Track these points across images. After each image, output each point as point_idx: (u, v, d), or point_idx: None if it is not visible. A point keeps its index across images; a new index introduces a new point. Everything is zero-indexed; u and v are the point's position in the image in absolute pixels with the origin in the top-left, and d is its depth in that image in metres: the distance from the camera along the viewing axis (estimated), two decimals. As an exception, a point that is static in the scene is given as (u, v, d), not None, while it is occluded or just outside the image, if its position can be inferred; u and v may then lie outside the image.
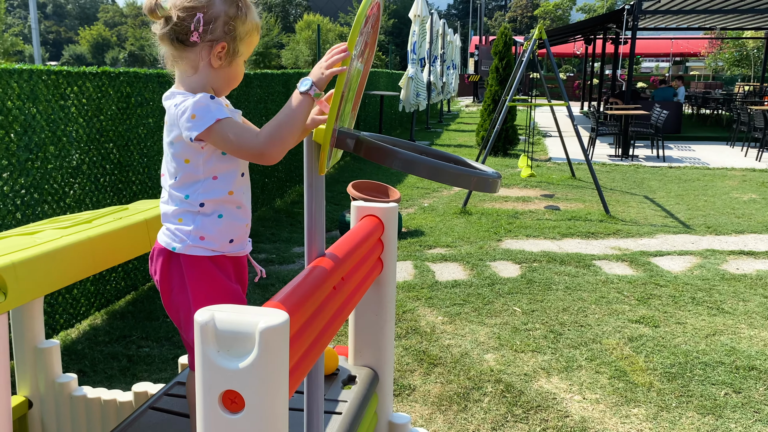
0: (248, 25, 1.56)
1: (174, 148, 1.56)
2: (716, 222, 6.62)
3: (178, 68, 1.58)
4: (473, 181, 1.35)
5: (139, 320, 3.99)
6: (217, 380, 0.99)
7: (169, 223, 1.61)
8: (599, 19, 16.59)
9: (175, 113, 1.51)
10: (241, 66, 1.62)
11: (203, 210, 1.57)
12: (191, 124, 1.47)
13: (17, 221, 3.39)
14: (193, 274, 1.57)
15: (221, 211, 1.59)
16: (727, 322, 4.01)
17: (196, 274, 1.57)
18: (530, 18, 74.10)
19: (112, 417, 2.22)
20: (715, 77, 32.21)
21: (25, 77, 3.39)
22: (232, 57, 1.56)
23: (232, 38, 1.54)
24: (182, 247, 1.57)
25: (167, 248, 1.59)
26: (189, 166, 1.55)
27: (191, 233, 1.57)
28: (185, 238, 1.57)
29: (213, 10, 1.51)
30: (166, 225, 1.61)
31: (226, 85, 1.61)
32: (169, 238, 1.59)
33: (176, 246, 1.58)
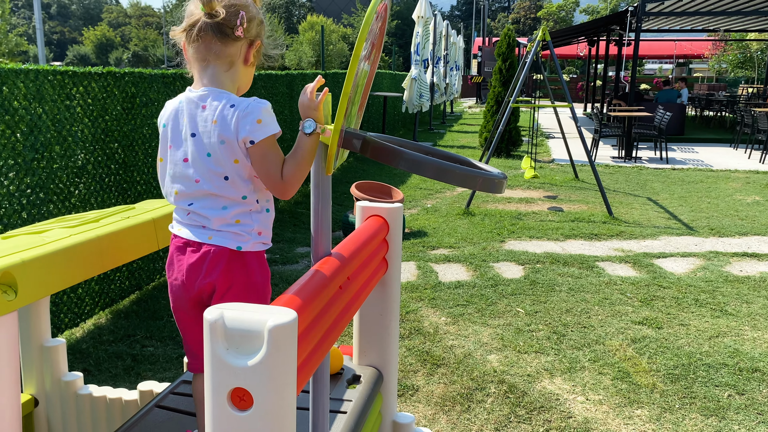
0: (266, 26, 1.70)
1: (223, 149, 1.57)
2: (719, 224, 6.62)
3: (215, 64, 1.62)
4: (479, 181, 1.36)
5: (143, 320, 4.00)
6: (226, 378, 1.00)
7: (225, 225, 1.61)
8: (603, 20, 16.58)
9: (232, 113, 1.55)
10: (253, 66, 1.73)
11: (258, 207, 1.65)
12: (256, 128, 1.53)
13: (23, 220, 3.41)
14: (260, 269, 1.65)
15: (268, 206, 1.68)
16: (731, 324, 4.01)
17: (263, 269, 1.66)
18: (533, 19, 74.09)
19: (117, 415, 2.23)
20: (719, 79, 32.15)
21: (31, 77, 3.41)
22: (259, 56, 1.71)
23: (262, 39, 1.69)
24: (248, 245, 1.62)
25: (230, 248, 1.61)
26: (238, 166, 1.58)
27: (253, 231, 1.63)
28: (249, 236, 1.62)
29: (251, 11, 1.64)
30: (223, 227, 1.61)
31: (246, 85, 1.72)
32: (231, 238, 1.61)
33: (241, 245, 1.61)
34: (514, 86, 8.68)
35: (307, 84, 1.50)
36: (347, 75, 1.32)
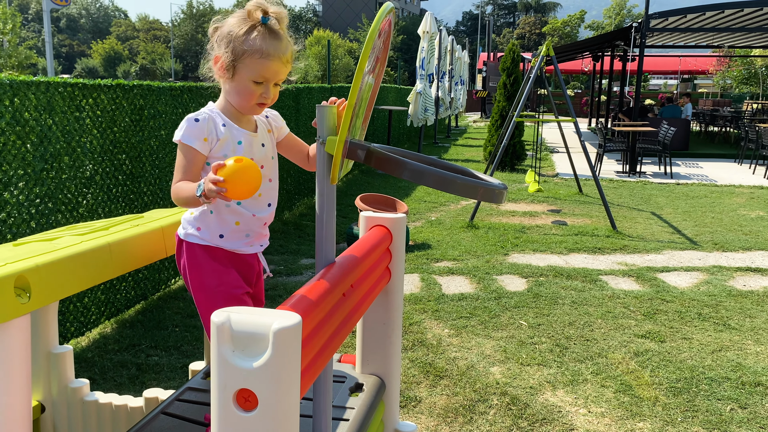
0: (245, 46, 1.70)
1: None
2: (723, 239, 6.62)
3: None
4: (480, 191, 1.39)
5: (148, 329, 4.03)
6: (232, 379, 1.02)
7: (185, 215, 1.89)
8: (607, 36, 16.68)
9: None
10: (247, 84, 1.75)
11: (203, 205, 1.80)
12: (178, 128, 1.77)
13: (31, 230, 3.45)
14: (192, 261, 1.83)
15: (212, 208, 1.81)
16: (734, 338, 4.01)
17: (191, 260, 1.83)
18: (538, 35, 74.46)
19: (123, 422, 2.25)
20: (724, 95, 32.20)
21: (42, 89, 3.47)
22: (231, 72, 1.74)
23: (230, 54, 1.71)
24: (184, 233, 1.85)
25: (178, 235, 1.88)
26: None
27: (192, 222, 1.84)
28: (187, 225, 1.85)
29: (223, 29, 1.74)
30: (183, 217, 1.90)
31: (235, 99, 1.79)
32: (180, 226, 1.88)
33: (181, 232, 1.86)
34: (518, 101, 8.74)
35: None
36: (352, 88, 1.36)
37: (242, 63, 1.72)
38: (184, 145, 1.73)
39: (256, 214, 1.85)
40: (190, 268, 1.83)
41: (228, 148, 1.77)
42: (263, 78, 1.74)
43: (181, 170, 1.73)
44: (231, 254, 1.85)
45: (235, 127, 1.80)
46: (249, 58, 1.71)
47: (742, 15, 12.35)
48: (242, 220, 1.83)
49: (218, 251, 1.83)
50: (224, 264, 1.83)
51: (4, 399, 1.29)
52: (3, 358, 1.26)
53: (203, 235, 1.82)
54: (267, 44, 1.71)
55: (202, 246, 1.82)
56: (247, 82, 1.74)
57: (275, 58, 1.72)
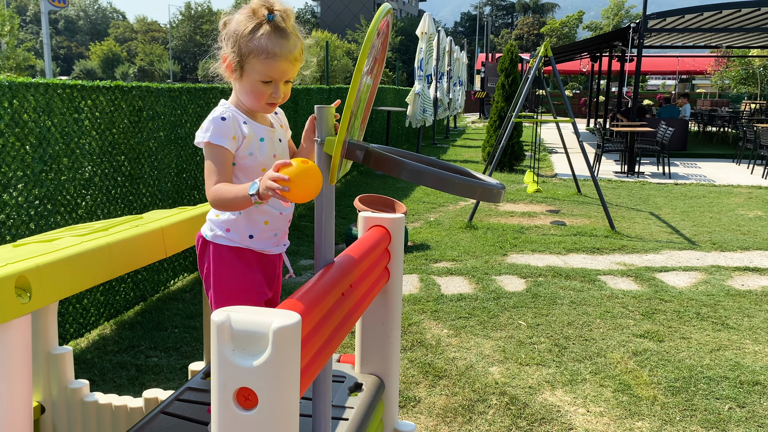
0: (251, 45, 1.66)
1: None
2: (722, 238, 6.63)
3: None
4: (478, 191, 1.40)
5: (147, 330, 4.04)
6: (232, 378, 1.03)
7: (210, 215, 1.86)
8: (605, 36, 16.71)
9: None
10: (255, 84, 1.70)
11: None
12: (199, 131, 1.71)
13: (30, 231, 3.46)
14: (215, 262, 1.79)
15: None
16: (732, 338, 4.02)
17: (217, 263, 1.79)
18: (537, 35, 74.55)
19: (122, 422, 2.26)
20: (722, 95, 32.26)
21: (41, 91, 3.48)
22: (239, 72, 1.70)
23: (236, 54, 1.68)
24: (212, 235, 1.81)
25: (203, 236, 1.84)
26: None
27: (221, 224, 1.80)
28: (215, 227, 1.81)
29: (230, 26, 1.70)
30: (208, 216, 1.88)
31: (245, 99, 1.75)
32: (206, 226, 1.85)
33: (207, 233, 1.82)
34: (516, 101, 8.75)
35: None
36: (350, 88, 1.36)
37: (249, 63, 1.67)
38: (214, 145, 1.68)
39: (283, 212, 1.84)
40: (216, 269, 1.78)
41: (253, 146, 1.74)
42: (271, 78, 1.69)
43: (216, 172, 1.67)
44: (259, 255, 1.82)
45: (254, 123, 1.77)
46: (255, 58, 1.66)
47: (739, 15, 12.38)
48: (271, 219, 1.81)
49: (248, 253, 1.80)
50: (252, 267, 1.81)
51: (5, 399, 1.29)
52: (4, 358, 1.27)
53: (233, 237, 1.78)
54: (273, 43, 1.65)
55: (231, 248, 1.78)
56: (255, 82, 1.70)
57: (282, 58, 1.67)
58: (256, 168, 1.75)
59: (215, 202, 1.66)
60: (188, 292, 4.80)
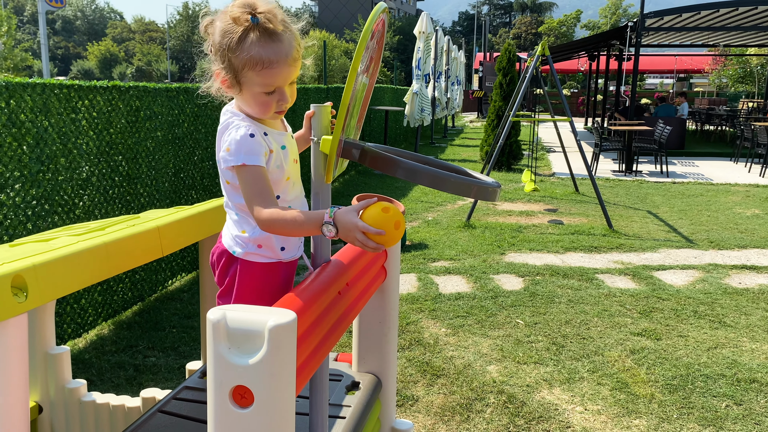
0: (242, 58, 1.49)
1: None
2: (719, 237, 6.65)
3: None
4: (474, 189, 1.40)
5: (145, 330, 4.04)
6: (228, 376, 1.03)
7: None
8: (603, 35, 16.72)
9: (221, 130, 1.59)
10: (258, 97, 1.55)
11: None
12: (226, 153, 1.53)
13: (28, 231, 3.46)
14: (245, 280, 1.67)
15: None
16: (729, 336, 4.03)
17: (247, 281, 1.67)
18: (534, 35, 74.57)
19: (120, 422, 2.26)
20: (719, 94, 32.30)
21: (38, 91, 3.48)
22: (237, 88, 1.55)
23: (228, 69, 1.52)
24: (242, 252, 1.66)
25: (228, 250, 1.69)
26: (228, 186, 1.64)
27: (251, 241, 1.65)
28: (245, 244, 1.66)
29: (214, 37, 1.54)
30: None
31: (252, 111, 1.59)
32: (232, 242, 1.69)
33: (236, 251, 1.67)
34: (514, 100, 8.76)
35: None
36: (346, 87, 1.37)
37: (245, 76, 1.51)
38: (251, 167, 1.50)
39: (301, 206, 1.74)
40: (243, 286, 1.66)
41: (279, 157, 1.60)
42: (273, 87, 1.53)
43: (260, 194, 1.49)
44: (287, 265, 1.73)
45: (273, 131, 1.62)
46: (250, 70, 1.49)
47: (737, 14, 12.40)
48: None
49: (278, 267, 1.69)
50: (279, 280, 1.71)
51: (2, 399, 1.29)
52: (1, 357, 1.27)
53: (265, 253, 1.66)
54: (266, 51, 1.48)
55: (262, 265, 1.66)
56: (257, 94, 1.54)
57: (280, 63, 1.50)
58: (281, 180, 1.63)
59: (272, 228, 1.50)
60: (186, 292, 4.80)
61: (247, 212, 1.59)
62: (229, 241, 1.69)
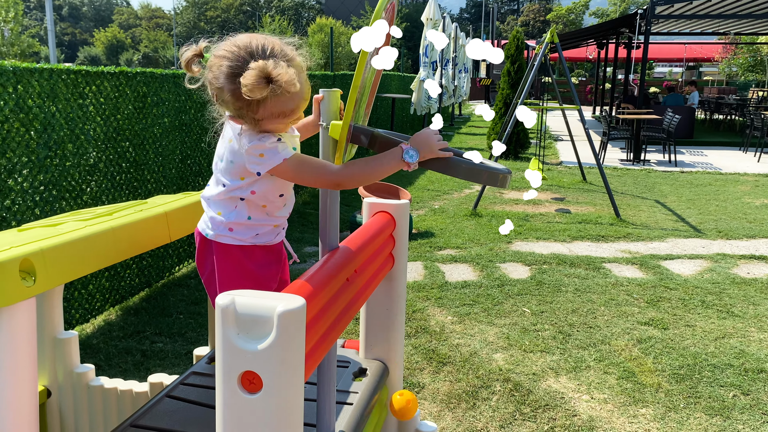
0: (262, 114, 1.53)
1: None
2: (728, 227, 6.60)
3: None
4: (484, 175, 1.39)
5: (152, 316, 4.05)
6: (237, 361, 1.03)
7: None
8: (612, 23, 16.56)
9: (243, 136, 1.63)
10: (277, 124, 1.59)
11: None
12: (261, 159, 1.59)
13: (36, 217, 3.46)
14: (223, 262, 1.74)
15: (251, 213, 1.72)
16: (737, 326, 4.01)
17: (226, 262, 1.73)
18: (543, 22, 74.00)
19: (128, 406, 2.27)
20: (729, 82, 32.01)
21: (45, 76, 3.47)
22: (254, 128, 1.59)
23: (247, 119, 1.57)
24: (213, 235, 1.74)
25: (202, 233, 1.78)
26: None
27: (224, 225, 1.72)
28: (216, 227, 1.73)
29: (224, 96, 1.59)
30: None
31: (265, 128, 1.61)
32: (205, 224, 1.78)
33: (208, 233, 1.75)
34: (522, 88, 8.70)
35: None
36: (356, 71, 1.35)
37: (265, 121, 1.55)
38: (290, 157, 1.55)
39: (290, 211, 1.81)
40: (223, 269, 1.73)
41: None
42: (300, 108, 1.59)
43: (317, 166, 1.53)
44: (266, 249, 1.77)
45: (284, 135, 1.64)
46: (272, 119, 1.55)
47: (748, 1, 12.24)
48: (279, 222, 1.78)
49: (255, 250, 1.74)
50: (261, 264, 1.76)
51: (11, 382, 1.30)
52: (9, 342, 1.27)
53: (236, 236, 1.72)
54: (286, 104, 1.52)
55: (238, 246, 1.72)
56: (276, 124, 1.57)
57: (299, 106, 1.56)
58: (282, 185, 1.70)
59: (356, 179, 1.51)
60: (193, 278, 4.81)
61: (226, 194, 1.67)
62: (202, 224, 1.77)
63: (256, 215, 1.71)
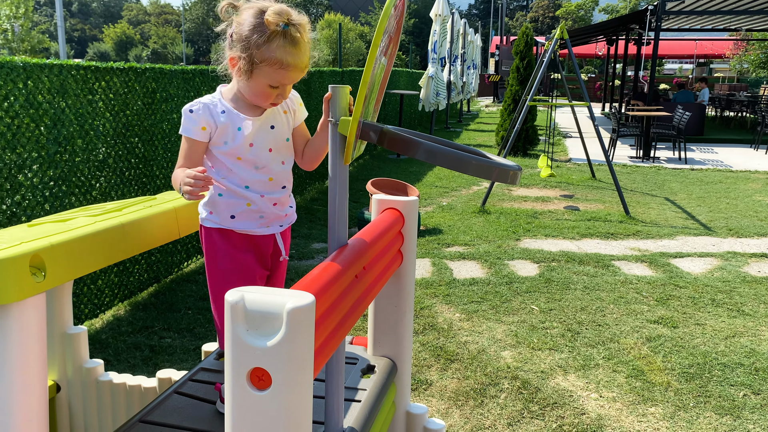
0: (264, 55, 1.66)
1: None
2: (738, 224, 6.56)
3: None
4: (494, 172, 1.38)
5: (161, 311, 4.07)
6: (246, 358, 1.03)
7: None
8: (622, 19, 16.45)
9: None
10: (263, 88, 1.73)
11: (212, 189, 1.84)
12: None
13: (46, 212, 3.48)
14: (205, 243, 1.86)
15: (222, 191, 1.82)
16: (748, 324, 3.98)
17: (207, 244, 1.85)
18: (552, 18, 73.62)
19: (136, 402, 2.28)
20: (740, 79, 31.73)
21: (55, 72, 3.48)
22: (247, 75, 1.71)
23: (248, 60, 1.68)
24: (200, 218, 1.87)
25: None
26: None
27: (204, 206, 1.85)
28: (201, 210, 1.87)
29: (242, 29, 1.68)
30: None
31: (249, 97, 1.78)
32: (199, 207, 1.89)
33: (200, 216, 1.87)
34: (531, 85, 8.66)
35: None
36: (366, 66, 1.34)
37: (259, 69, 1.69)
38: (184, 137, 1.78)
39: (265, 194, 1.83)
40: (206, 251, 1.84)
41: (228, 135, 1.78)
42: (280, 84, 1.73)
43: (181, 158, 1.78)
44: (244, 236, 1.84)
45: (236, 114, 1.79)
46: (268, 66, 1.68)
47: (760, -3, 12.12)
48: (253, 201, 1.82)
49: (232, 234, 1.82)
50: (239, 248, 1.83)
51: (21, 377, 1.30)
52: (19, 337, 1.27)
53: (215, 218, 1.82)
54: (288, 54, 1.67)
55: (216, 229, 1.82)
56: (263, 86, 1.72)
57: (295, 68, 1.70)
58: (228, 155, 1.79)
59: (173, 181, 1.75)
60: (201, 273, 4.82)
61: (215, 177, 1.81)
62: (199, 207, 1.89)
63: (228, 191, 1.80)
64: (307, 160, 1.92)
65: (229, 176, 1.80)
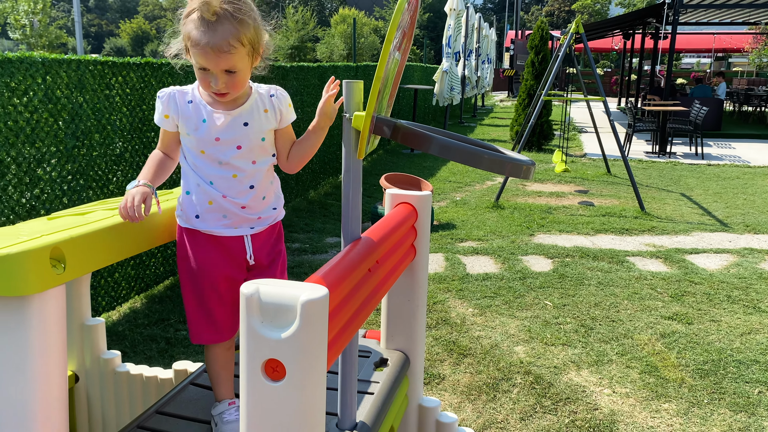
0: (184, 30, 1.65)
1: None
2: (755, 221, 6.49)
3: None
4: (508, 167, 1.38)
5: (177, 304, 4.11)
6: (261, 349, 1.04)
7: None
8: (639, 13, 16.29)
9: None
10: (197, 70, 1.66)
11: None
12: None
13: (64, 206, 3.53)
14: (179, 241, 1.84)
15: (189, 188, 1.78)
16: (764, 321, 3.95)
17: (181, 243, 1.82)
18: (567, 12, 72.99)
19: (153, 392, 2.31)
20: (759, 74, 31.30)
21: (73, 67, 3.52)
22: (187, 53, 1.69)
23: (180, 37, 1.69)
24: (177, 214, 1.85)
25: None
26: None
27: (178, 204, 1.83)
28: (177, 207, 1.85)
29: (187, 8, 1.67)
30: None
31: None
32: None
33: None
34: (546, 79, 8.61)
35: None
36: (379, 61, 1.35)
37: (190, 48, 1.65)
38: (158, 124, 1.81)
39: (227, 195, 1.73)
40: (177, 250, 1.82)
41: (190, 126, 1.72)
42: (202, 66, 1.63)
43: (159, 140, 1.84)
44: (209, 237, 1.76)
45: (203, 104, 1.72)
46: (189, 44, 1.64)
47: (780, -10, 11.94)
48: (215, 200, 1.74)
49: (198, 234, 1.77)
50: (204, 248, 1.76)
51: (43, 366, 1.33)
52: (41, 327, 1.30)
53: (182, 216, 1.79)
54: (196, 30, 1.60)
55: (185, 228, 1.79)
56: (196, 68, 1.66)
57: (204, 49, 1.59)
58: (194, 147, 1.74)
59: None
60: (216, 267, 4.86)
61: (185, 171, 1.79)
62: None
63: (194, 188, 1.76)
64: (291, 162, 1.82)
65: (196, 170, 1.75)
